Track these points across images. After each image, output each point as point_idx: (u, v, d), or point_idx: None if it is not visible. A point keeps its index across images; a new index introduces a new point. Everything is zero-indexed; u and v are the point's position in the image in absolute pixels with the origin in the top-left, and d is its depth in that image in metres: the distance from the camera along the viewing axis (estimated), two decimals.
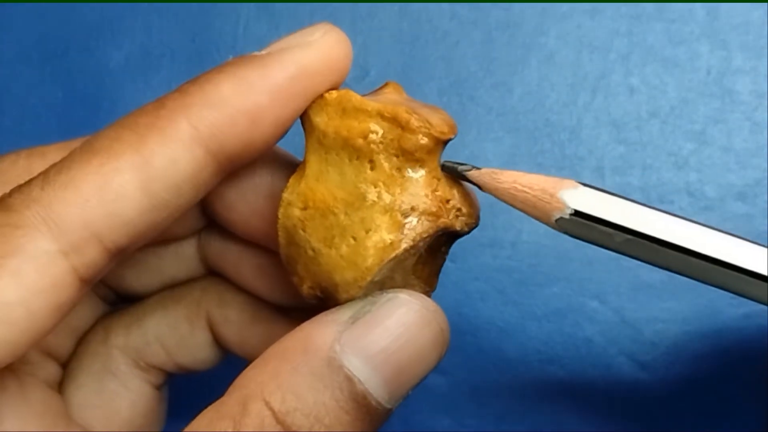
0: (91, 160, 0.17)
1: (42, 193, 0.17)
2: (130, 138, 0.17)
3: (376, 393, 0.17)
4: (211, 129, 0.17)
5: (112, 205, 0.17)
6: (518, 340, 0.29)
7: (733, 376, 0.28)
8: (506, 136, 0.30)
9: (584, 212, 0.17)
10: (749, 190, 0.28)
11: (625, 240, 0.17)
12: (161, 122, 0.17)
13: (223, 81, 0.18)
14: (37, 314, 0.16)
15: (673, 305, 0.28)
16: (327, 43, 0.19)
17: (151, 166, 0.17)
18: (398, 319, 0.17)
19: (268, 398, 0.16)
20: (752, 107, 0.29)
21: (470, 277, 0.29)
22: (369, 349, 0.17)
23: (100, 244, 0.17)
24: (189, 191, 0.18)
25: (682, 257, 0.17)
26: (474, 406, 0.28)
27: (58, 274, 0.17)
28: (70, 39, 0.33)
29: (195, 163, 0.17)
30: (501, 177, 0.18)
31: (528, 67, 0.30)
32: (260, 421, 0.16)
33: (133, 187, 0.17)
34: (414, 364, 0.17)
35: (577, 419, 0.28)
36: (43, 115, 0.33)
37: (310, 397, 0.16)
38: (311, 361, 0.17)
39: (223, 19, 0.32)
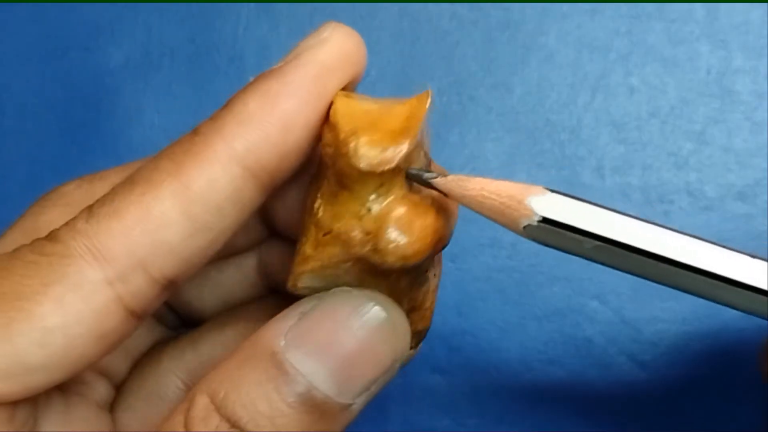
0: (132, 190, 0.17)
1: (87, 225, 0.17)
2: (167, 166, 0.18)
3: (322, 386, 0.17)
4: (245, 145, 0.18)
5: (155, 233, 0.17)
6: (518, 340, 0.29)
7: (733, 376, 0.28)
8: (506, 136, 0.30)
9: (552, 219, 0.17)
10: (749, 190, 0.28)
11: (594, 246, 0.17)
12: (196, 147, 0.18)
13: (248, 98, 0.18)
14: (78, 341, 0.17)
15: (673, 305, 0.28)
16: (338, 38, 0.19)
17: (191, 190, 0.17)
18: (341, 312, 0.17)
19: (211, 392, 0.17)
20: (752, 107, 0.29)
21: (470, 277, 0.29)
22: (313, 342, 0.17)
23: (146, 273, 0.17)
24: (231, 211, 0.18)
25: (653, 263, 0.17)
26: (474, 406, 0.28)
27: (101, 303, 0.17)
28: (70, 39, 0.33)
29: (234, 181, 0.18)
30: (468, 184, 0.17)
31: (528, 67, 0.30)
32: (204, 413, 0.17)
33: (174, 212, 0.17)
34: (362, 357, 0.17)
35: (577, 419, 0.28)
36: (43, 115, 0.33)
37: (251, 390, 0.17)
38: (256, 357, 0.17)
39: (223, 19, 0.32)
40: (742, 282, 0.17)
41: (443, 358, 0.29)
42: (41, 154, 0.32)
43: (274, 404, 0.16)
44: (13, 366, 0.16)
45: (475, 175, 0.17)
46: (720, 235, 0.28)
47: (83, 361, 0.17)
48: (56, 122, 0.33)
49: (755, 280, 0.17)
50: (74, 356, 0.17)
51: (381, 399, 0.29)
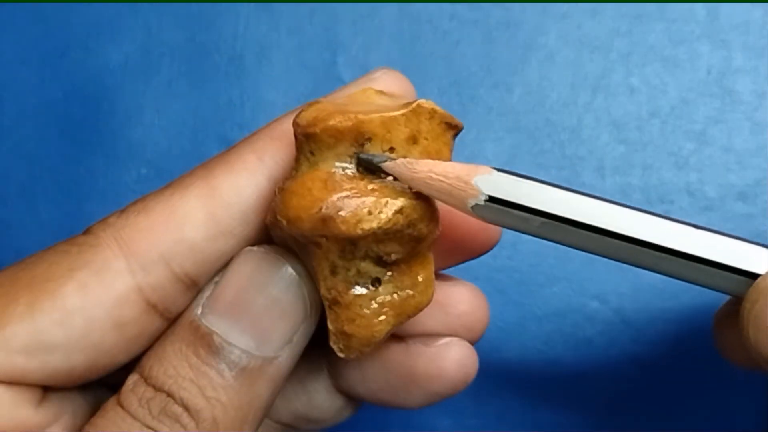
0: (164, 191, 0.19)
1: (117, 220, 0.18)
2: (199, 171, 0.19)
3: (238, 342, 0.17)
4: (274, 158, 0.18)
5: (179, 230, 0.18)
6: (518, 340, 0.29)
7: (733, 376, 0.28)
8: (506, 136, 0.30)
9: (499, 198, 0.17)
10: (749, 190, 0.28)
11: (541, 223, 0.17)
12: (228, 156, 0.19)
13: (286, 118, 0.19)
14: (96, 324, 0.17)
15: (673, 305, 0.28)
16: (388, 77, 0.20)
17: (218, 194, 0.18)
18: (240, 269, 0.18)
19: (140, 369, 0.18)
20: (752, 107, 0.29)
21: (470, 277, 0.29)
22: (225, 304, 0.18)
23: (167, 267, 0.18)
24: (255, 220, 0.19)
25: (600, 238, 0.17)
26: (474, 406, 0.28)
27: (121, 290, 0.18)
28: (70, 39, 0.33)
29: (260, 191, 0.18)
30: (416, 167, 0.17)
31: (528, 66, 0.30)
32: (133, 385, 0.18)
33: (199, 213, 0.18)
34: (273, 309, 0.18)
35: (577, 419, 0.28)
36: (43, 115, 0.33)
37: (173, 357, 0.17)
38: (177, 330, 0.18)
39: (223, 19, 0.32)
40: (686, 252, 0.17)
41: None
42: (41, 154, 0.32)
43: (194, 365, 0.17)
44: (33, 342, 0.17)
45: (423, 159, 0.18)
46: None
47: (102, 348, 0.18)
48: (56, 122, 0.33)
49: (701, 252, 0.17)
50: (93, 340, 0.18)
51: None
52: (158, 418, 0.17)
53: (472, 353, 0.21)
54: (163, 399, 0.17)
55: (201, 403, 0.17)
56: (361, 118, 0.17)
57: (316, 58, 0.31)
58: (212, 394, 0.17)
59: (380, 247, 0.18)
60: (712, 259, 0.17)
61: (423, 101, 0.18)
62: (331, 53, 0.31)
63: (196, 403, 0.17)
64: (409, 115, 0.18)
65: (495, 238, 0.21)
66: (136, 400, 0.17)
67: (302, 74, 0.31)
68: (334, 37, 0.31)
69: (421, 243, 0.18)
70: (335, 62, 0.31)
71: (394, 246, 0.18)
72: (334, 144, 0.17)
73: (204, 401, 0.17)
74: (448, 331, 0.21)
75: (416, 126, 0.18)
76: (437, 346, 0.21)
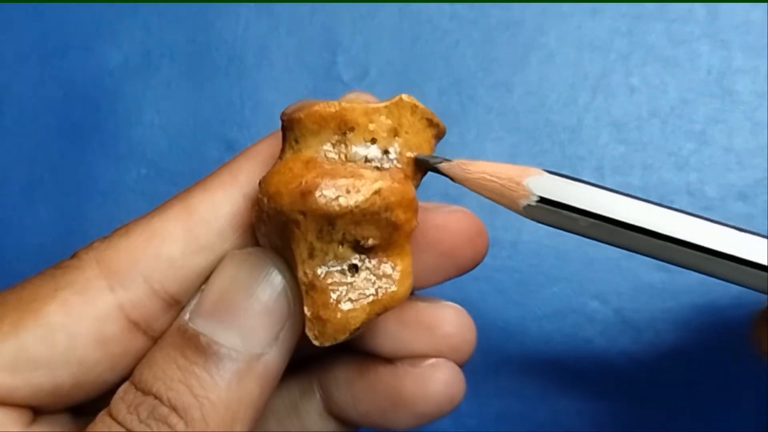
0: (145, 216, 0.19)
1: (101, 243, 0.19)
2: (179, 195, 0.19)
3: (224, 340, 0.18)
4: (249, 177, 0.19)
5: (157, 248, 0.19)
6: (518, 340, 0.29)
7: (733, 376, 0.28)
8: (506, 136, 0.30)
9: (549, 198, 0.18)
10: (749, 190, 0.28)
11: (590, 224, 0.18)
12: (207, 178, 0.20)
13: (263, 140, 0.20)
14: (78, 341, 0.18)
15: (673, 305, 0.28)
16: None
17: (195, 212, 0.19)
18: (223, 271, 0.19)
19: (132, 378, 0.18)
20: (752, 107, 0.29)
21: (470, 277, 0.29)
22: (207, 305, 0.18)
23: (147, 284, 0.19)
24: (232, 236, 0.19)
25: (645, 239, 0.18)
26: (474, 406, 0.28)
27: (102, 307, 0.18)
28: (69, 39, 0.33)
29: (236, 208, 0.19)
30: (470, 168, 0.18)
31: (528, 66, 0.30)
32: (123, 392, 0.18)
33: (177, 231, 0.19)
34: (249, 304, 0.18)
35: (577, 419, 0.28)
36: (43, 115, 0.33)
37: (161, 362, 0.18)
38: (167, 337, 0.18)
39: (223, 19, 0.32)
40: (733, 255, 0.18)
41: None
42: (41, 154, 0.32)
43: (182, 366, 0.17)
44: (18, 359, 0.18)
45: (477, 159, 0.18)
46: None
47: (86, 364, 0.18)
48: (56, 122, 0.33)
49: (746, 254, 0.18)
50: (76, 356, 0.18)
51: None
52: (146, 422, 0.17)
53: (459, 375, 0.21)
54: (151, 402, 0.17)
55: (189, 401, 0.17)
56: (345, 106, 0.18)
57: (316, 58, 0.31)
58: (200, 393, 0.17)
59: (358, 230, 0.18)
60: (759, 262, 0.18)
61: (405, 96, 0.19)
62: (331, 53, 0.31)
63: (184, 402, 0.17)
64: (391, 107, 0.19)
65: (481, 253, 0.21)
66: (125, 408, 0.17)
67: (302, 74, 0.31)
68: (334, 37, 0.31)
69: (398, 231, 0.18)
70: (335, 62, 0.31)
71: (371, 230, 0.18)
72: (318, 130, 0.18)
73: (192, 399, 0.17)
74: (435, 353, 0.21)
75: (398, 119, 0.19)
76: (424, 367, 0.21)
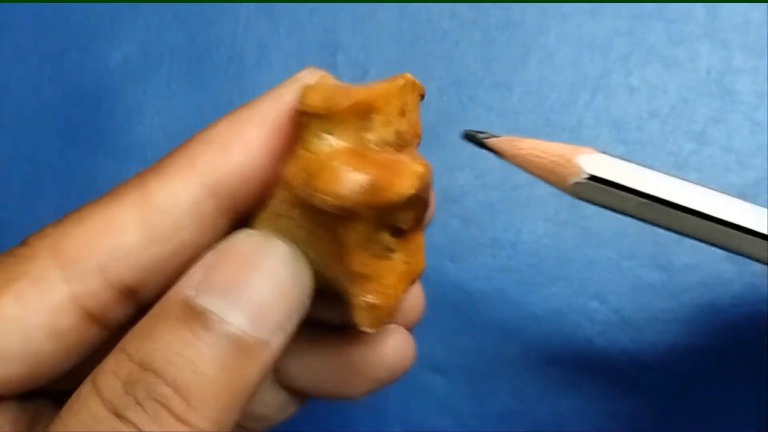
0: (99, 201, 0.19)
1: (54, 230, 0.18)
2: (134, 180, 0.19)
3: (235, 321, 0.17)
4: (207, 165, 0.19)
5: (113, 238, 0.18)
6: (518, 340, 0.29)
7: (733, 376, 0.28)
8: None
9: (599, 177, 0.18)
10: (749, 190, 0.28)
11: (638, 204, 0.18)
12: (163, 164, 0.19)
13: (218, 123, 0.19)
14: (33, 333, 0.18)
15: (673, 305, 0.28)
16: (311, 79, 0.20)
17: (151, 201, 0.18)
18: (245, 251, 0.18)
19: (124, 347, 0.17)
20: (752, 107, 0.29)
21: (470, 277, 0.29)
22: (221, 283, 0.17)
23: (102, 275, 0.18)
24: (190, 225, 0.19)
25: (694, 220, 0.18)
26: (474, 406, 0.28)
27: (57, 299, 0.18)
28: (69, 39, 0.33)
29: (193, 196, 0.18)
30: (520, 144, 0.18)
31: (528, 66, 0.30)
32: (114, 365, 0.17)
33: (134, 220, 0.18)
34: (270, 291, 0.18)
35: (577, 419, 0.28)
36: (43, 115, 0.33)
37: (165, 335, 0.17)
38: (168, 309, 0.17)
39: (223, 19, 0.32)
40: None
41: (443, 358, 0.29)
42: (41, 154, 0.32)
43: (189, 344, 0.17)
44: None
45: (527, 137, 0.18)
46: None
47: (40, 356, 0.18)
48: (56, 122, 0.33)
49: None
50: (30, 350, 0.18)
51: (381, 399, 0.29)
52: (143, 403, 0.16)
53: (409, 339, 0.22)
54: (151, 380, 0.16)
55: (192, 379, 0.17)
56: (373, 92, 0.18)
57: (316, 58, 0.31)
58: (206, 372, 0.17)
59: (402, 215, 0.18)
60: None
61: (409, 75, 0.19)
62: (331, 53, 0.31)
63: (187, 380, 0.17)
64: (402, 88, 0.19)
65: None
66: (120, 386, 0.16)
67: None
68: (334, 37, 0.31)
69: (426, 208, 0.19)
70: (335, 62, 0.31)
71: (411, 212, 0.18)
72: (354, 121, 0.18)
73: (195, 378, 0.17)
74: None
75: (404, 98, 0.19)
76: (374, 334, 0.21)
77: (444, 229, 0.29)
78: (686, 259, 0.28)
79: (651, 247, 0.28)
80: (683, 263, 0.28)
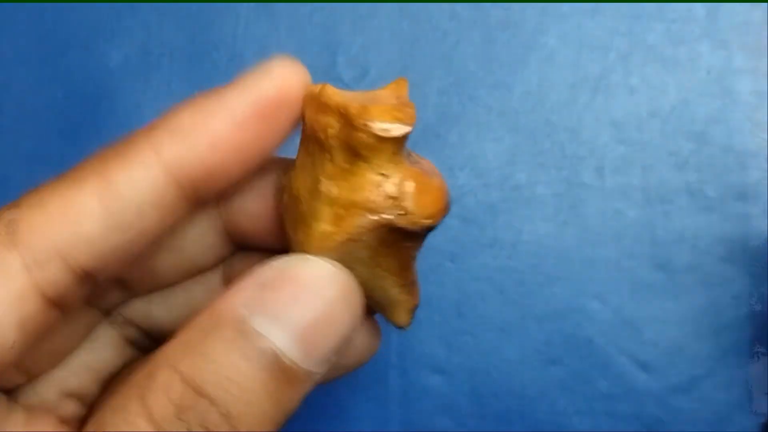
0: (59, 184, 0.18)
1: (9, 212, 0.18)
2: (96, 164, 0.18)
3: (288, 352, 0.17)
4: (171, 153, 0.18)
5: (74, 224, 0.18)
6: (518, 340, 0.29)
7: (732, 376, 0.28)
8: (506, 136, 0.30)
9: None
10: (749, 190, 0.28)
11: None
12: (125, 149, 0.19)
13: (184, 110, 0.19)
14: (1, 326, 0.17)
15: (673, 305, 0.28)
16: (282, 72, 0.19)
17: (114, 188, 0.18)
18: (303, 277, 0.18)
19: (176, 364, 0.16)
20: (752, 107, 0.29)
21: (470, 277, 0.29)
22: (277, 309, 0.17)
23: (63, 262, 0.18)
24: (151, 214, 0.18)
25: None
26: (474, 406, 0.28)
27: (18, 287, 0.17)
28: (69, 39, 0.33)
29: (156, 185, 0.18)
30: None
31: (528, 66, 0.30)
32: (166, 384, 0.16)
33: (95, 207, 0.18)
34: (323, 321, 0.17)
35: (577, 419, 0.28)
36: (43, 115, 0.33)
37: (219, 357, 0.16)
38: (220, 327, 0.17)
39: (223, 19, 0.32)
40: None
41: (443, 358, 0.29)
42: (41, 154, 0.32)
43: (241, 370, 0.16)
44: None
45: None
46: (720, 235, 0.28)
47: (2, 347, 0.17)
48: (56, 122, 0.33)
49: None
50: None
51: (381, 399, 0.29)
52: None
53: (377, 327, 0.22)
54: (205, 407, 0.16)
55: (244, 411, 0.16)
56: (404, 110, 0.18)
57: (316, 58, 0.31)
58: (258, 403, 0.16)
59: None
60: None
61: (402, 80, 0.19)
62: (331, 53, 0.31)
63: (241, 412, 0.16)
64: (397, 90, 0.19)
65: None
66: (172, 408, 0.16)
67: None
68: (334, 37, 0.31)
69: None
70: (335, 62, 0.31)
71: None
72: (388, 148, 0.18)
73: (248, 409, 0.16)
74: None
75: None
76: None
77: (444, 229, 0.29)
78: (686, 259, 0.28)
79: (651, 247, 0.28)
80: (683, 263, 0.28)
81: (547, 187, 0.29)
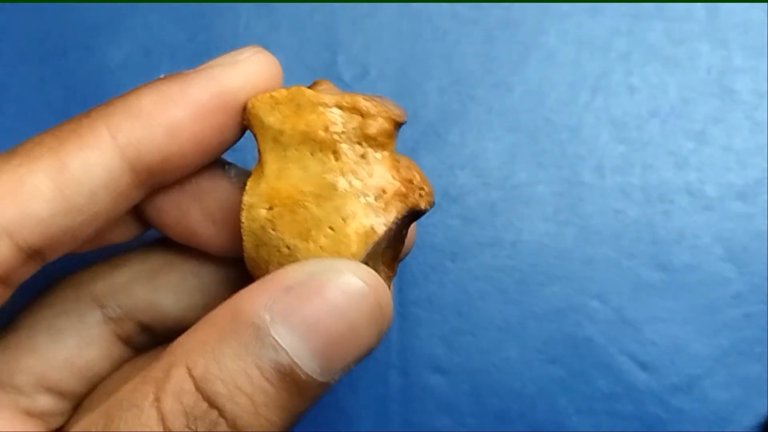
0: (10, 160, 0.18)
1: None
2: (50, 142, 0.18)
3: (305, 365, 0.16)
4: (128, 138, 0.18)
5: (24, 204, 0.17)
6: (518, 340, 0.29)
7: (732, 376, 0.28)
8: (506, 136, 0.30)
9: None
10: (749, 190, 0.28)
11: None
12: (82, 129, 0.18)
13: (145, 94, 0.18)
14: None
15: (673, 305, 0.28)
16: (252, 63, 0.19)
17: (67, 170, 0.17)
18: (333, 290, 0.17)
19: (190, 365, 0.16)
20: (752, 107, 0.29)
21: (470, 277, 0.29)
22: (299, 319, 0.16)
23: (11, 241, 0.17)
24: (105, 198, 0.18)
25: None
26: (474, 406, 0.28)
27: None
28: (69, 39, 0.33)
29: (111, 170, 0.18)
30: None
31: (528, 66, 0.30)
32: (180, 387, 0.16)
33: (47, 187, 0.17)
34: (348, 339, 0.17)
35: (577, 419, 0.28)
36: (43, 115, 0.33)
37: (232, 365, 0.16)
38: (238, 330, 0.16)
39: (223, 19, 0.32)
40: None
41: (443, 358, 0.29)
42: None
43: (255, 381, 0.16)
44: None
45: None
46: (720, 235, 0.28)
47: None
48: (56, 122, 0.33)
49: None
50: None
51: (381, 399, 0.29)
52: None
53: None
54: (214, 419, 0.16)
55: (252, 422, 0.16)
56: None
57: (316, 58, 0.31)
58: (268, 415, 0.16)
59: None
60: None
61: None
62: (331, 53, 0.31)
63: (248, 423, 0.16)
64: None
65: None
66: (183, 416, 0.16)
67: (302, 74, 0.31)
68: (334, 37, 0.31)
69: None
70: (335, 62, 0.31)
71: None
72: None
73: (256, 421, 0.16)
74: None
75: None
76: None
77: (444, 228, 0.29)
78: (686, 259, 0.28)
79: (651, 247, 0.28)
80: (683, 263, 0.28)
81: (547, 186, 0.29)
